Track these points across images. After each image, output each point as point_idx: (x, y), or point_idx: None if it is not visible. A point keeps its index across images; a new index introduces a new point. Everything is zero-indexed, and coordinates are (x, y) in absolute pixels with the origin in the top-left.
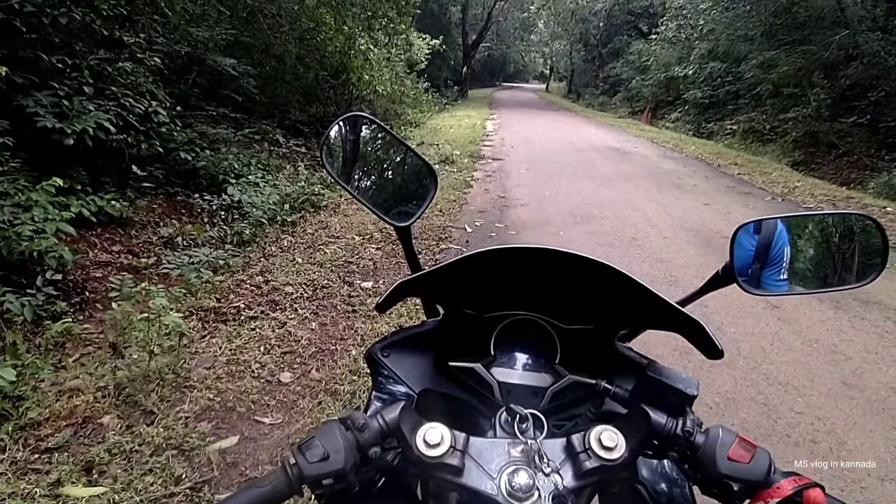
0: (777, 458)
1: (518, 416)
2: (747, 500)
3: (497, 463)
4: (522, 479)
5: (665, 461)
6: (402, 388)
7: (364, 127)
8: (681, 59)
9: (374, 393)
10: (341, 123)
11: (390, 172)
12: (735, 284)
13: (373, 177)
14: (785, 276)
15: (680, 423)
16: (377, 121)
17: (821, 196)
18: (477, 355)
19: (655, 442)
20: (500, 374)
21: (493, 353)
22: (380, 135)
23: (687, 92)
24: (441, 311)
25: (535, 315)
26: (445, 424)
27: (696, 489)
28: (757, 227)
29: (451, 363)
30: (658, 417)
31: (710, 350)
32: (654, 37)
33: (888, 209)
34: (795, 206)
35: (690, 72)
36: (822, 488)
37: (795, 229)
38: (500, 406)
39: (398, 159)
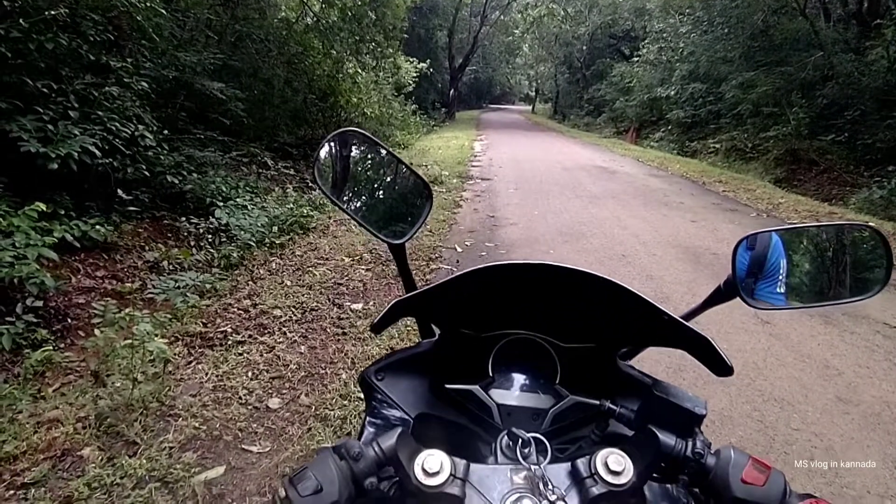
0: None
1: (520, 440)
2: None
3: (499, 491)
4: None
5: (673, 486)
6: (398, 413)
7: (356, 143)
8: (663, 81)
9: (368, 419)
10: (333, 140)
11: (384, 189)
12: (738, 298)
13: (366, 194)
14: (784, 289)
15: (690, 444)
16: (370, 136)
17: (804, 212)
18: (474, 377)
19: (664, 465)
20: (499, 395)
21: (491, 374)
22: (373, 150)
23: (670, 112)
24: (437, 331)
25: (533, 334)
26: (444, 451)
27: None
28: (756, 240)
29: (447, 386)
30: (667, 439)
31: (719, 366)
32: (636, 59)
33: (870, 224)
34: (780, 221)
35: (672, 92)
36: None
37: (796, 242)
38: (500, 430)
39: (392, 175)
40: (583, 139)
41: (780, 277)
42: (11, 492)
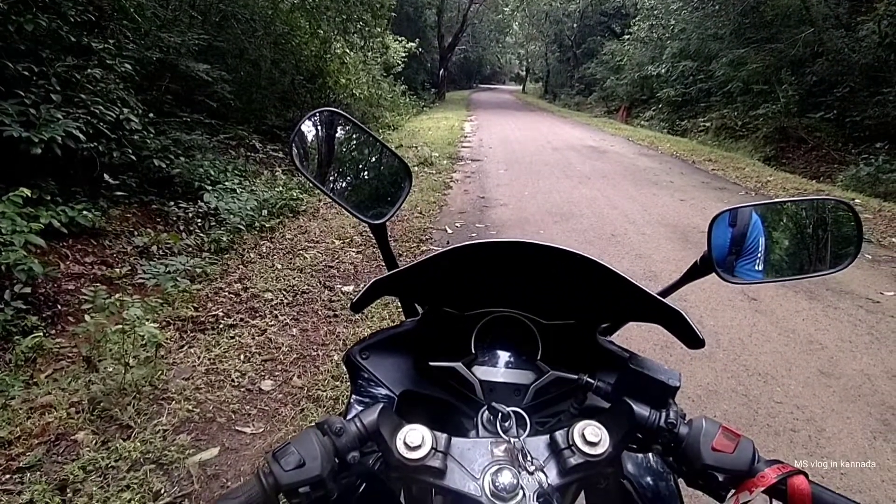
0: (759, 447)
1: (500, 414)
2: (732, 491)
3: (480, 463)
4: (506, 478)
5: (650, 455)
6: (383, 391)
7: (335, 123)
8: (654, 59)
9: (353, 397)
10: (311, 119)
11: (364, 170)
12: (713, 274)
13: (345, 175)
14: (761, 265)
15: (663, 415)
16: (348, 116)
17: (792, 189)
18: (457, 354)
19: (639, 435)
20: (482, 372)
21: (473, 351)
22: (352, 131)
23: (660, 90)
24: (420, 310)
25: (515, 312)
26: (426, 426)
27: (681, 482)
28: (733, 216)
29: (431, 363)
30: (641, 410)
31: (691, 340)
32: (626, 37)
33: (857, 201)
34: (768, 199)
35: (663, 71)
36: (806, 475)
37: (771, 217)
38: (482, 405)
39: (372, 157)
40: (573, 119)
41: (756, 252)
42: (7, 476)
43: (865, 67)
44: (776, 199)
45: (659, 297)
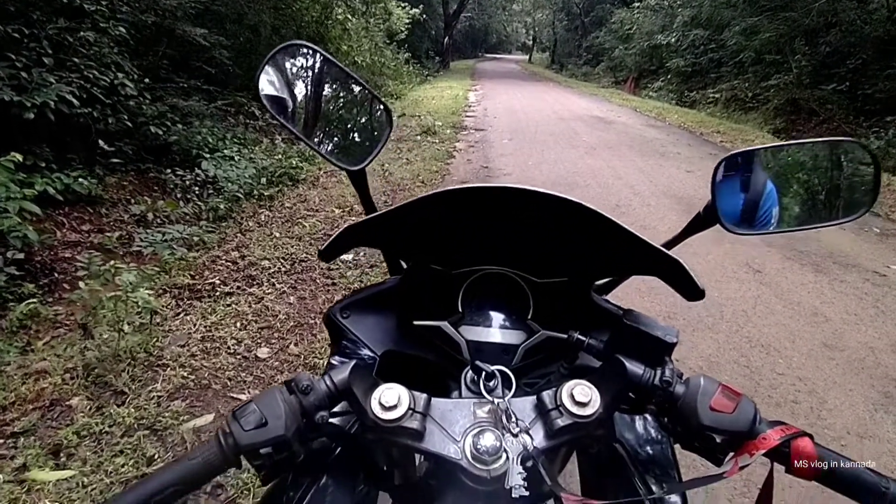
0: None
1: (484, 373)
2: (731, 454)
3: (461, 425)
4: (488, 440)
5: (645, 417)
6: (364, 351)
7: (309, 59)
8: (664, 28)
9: (333, 357)
10: (281, 54)
11: (341, 111)
12: (718, 225)
13: (320, 116)
14: (770, 214)
15: (658, 373)
16: (322, 51)
17: None
18: (443, 313)
19: (632, 395)
20: (469, 332)
21: (460, 310)
22: (328, 69)
23: (670, 60)
24: (405, 267)
25: (505, 269)
26: (408, 387)
27: (677, 447)
28: (739, 160)
29: (415, 322)
30: (634, 368)
31: (691, 291)
32: (636, 4)
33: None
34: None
35: (673, 40)
36: (811, 437)
37: (781, 161)
38: (466, 365)
39: (349, 97)
40: (580, 89)
41: (764, 200)
42: (1, 441)
43: (877, 40)
44: (787, 142)
45: (654, 244)
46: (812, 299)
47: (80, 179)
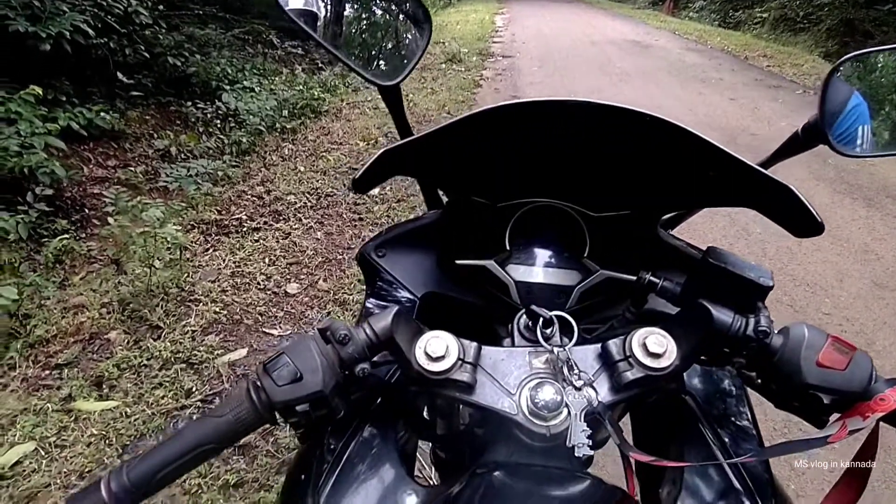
0: None
1: (541, 319)
2: (835, 415)
3: (516, 376)
4: (548, 394)
5: (718, 368)
6: (402, 293)
7: None
8: None
9: (369, 301)
10: None
11: (372, 20)
12: (821, 145)
13: (349, 24)
14: (889, 132)
15: (752, 321)
16: None
17: None
18: (489, 251)
19: (718, 346)
20: (518, 272)
21: (508, 248)
22: None
23: None
24: (445, 199)
25: (558, 202)
26: (452, 333)
27: (755, 399)
28: (856, 67)
29: (458, 262)
30: (722, 315)
31: (803, 225)
32: None
33: None
34: None
35: None
36: None
37: None
38: (518, 309)
39: (381, 3)
40: (614, 11)
41: (882, 115)
42: (47, 372)
43: None
44: None
45: (761, 169)
46: (863, 235)
47: (102, 114)
